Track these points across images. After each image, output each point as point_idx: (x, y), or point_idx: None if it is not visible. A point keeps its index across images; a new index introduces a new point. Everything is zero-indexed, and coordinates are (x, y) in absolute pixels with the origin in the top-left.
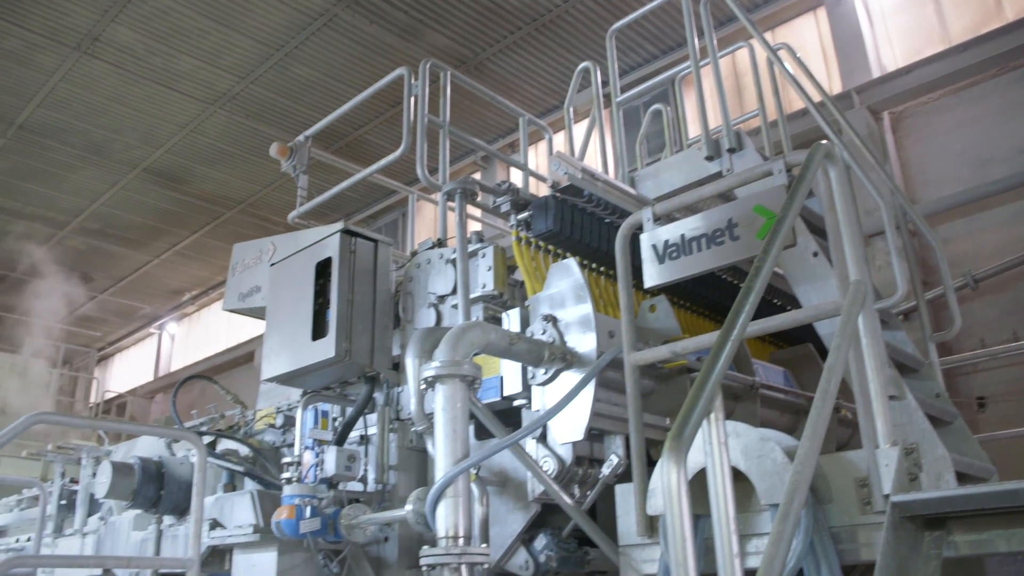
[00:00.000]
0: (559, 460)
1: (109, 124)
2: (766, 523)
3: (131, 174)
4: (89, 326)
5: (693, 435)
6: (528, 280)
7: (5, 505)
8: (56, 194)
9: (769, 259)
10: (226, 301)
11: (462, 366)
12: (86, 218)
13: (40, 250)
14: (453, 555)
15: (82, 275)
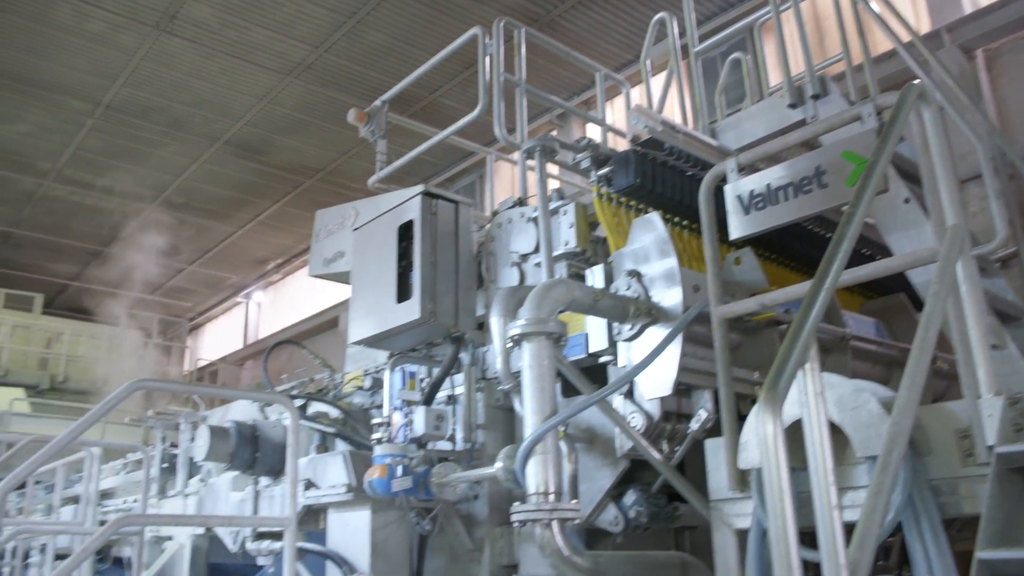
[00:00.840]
0: (647, 416)
1: (189, 99)
2: (861, 476)
3: (212, 147)
4: (180, 297)
5: (788, 386)
6: (610, 236)
7: (112, 469)
8: (143, 170)
9: (862, 205)
10: (311, 267)
11: (547, 323)
12: (172, 192)
13: (131, 225)
14: (544, 511)
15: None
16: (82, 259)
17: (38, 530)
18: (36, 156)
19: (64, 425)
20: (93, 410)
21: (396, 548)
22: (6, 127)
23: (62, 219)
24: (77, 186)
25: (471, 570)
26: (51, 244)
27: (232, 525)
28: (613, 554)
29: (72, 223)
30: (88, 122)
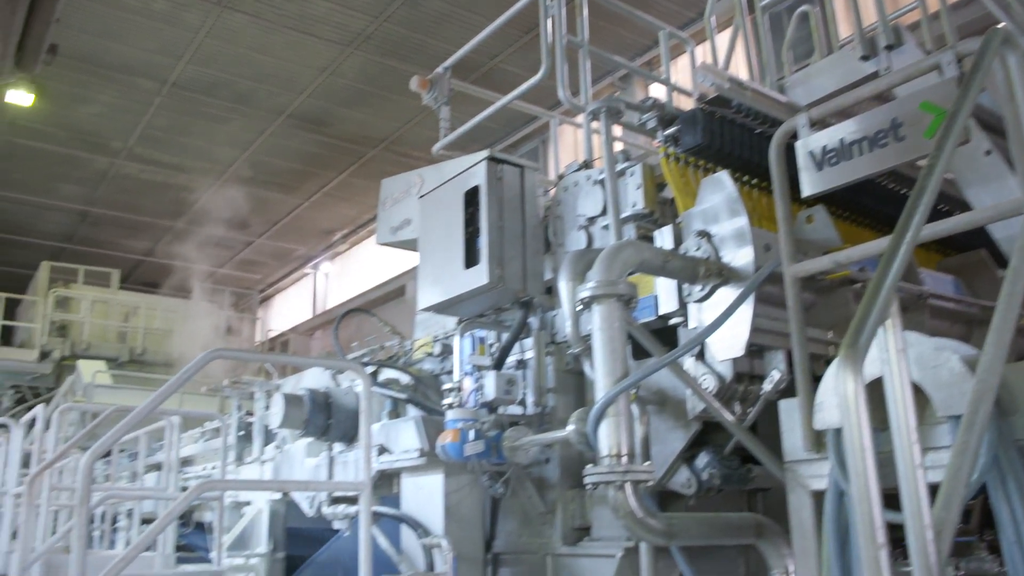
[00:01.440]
0: (719, 377)
1: (253, 74)
2: (942, 436)
3: (276, 121)
4: (250, 269)
5: (869, 343)
6: (679, 196)
7: (190, 437)
8: (210, 146)
9: (943, 156)
10: (379, 235)
11: (618, 285)
12: (239, 167)
13: (200, 200)
14: (617, 473)
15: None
16: (155, 235)
17: (124, 496)
18: (108, 136)
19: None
20: (172, 380)
21: (469, 511)
22: (80, 109)
23: (135, 196)
24: (147, 164)
25: (544, 532)
26: (125, 221)
27: (308, 490)
28: (687, 516)
29: (144, 200)
30: (156, 100)
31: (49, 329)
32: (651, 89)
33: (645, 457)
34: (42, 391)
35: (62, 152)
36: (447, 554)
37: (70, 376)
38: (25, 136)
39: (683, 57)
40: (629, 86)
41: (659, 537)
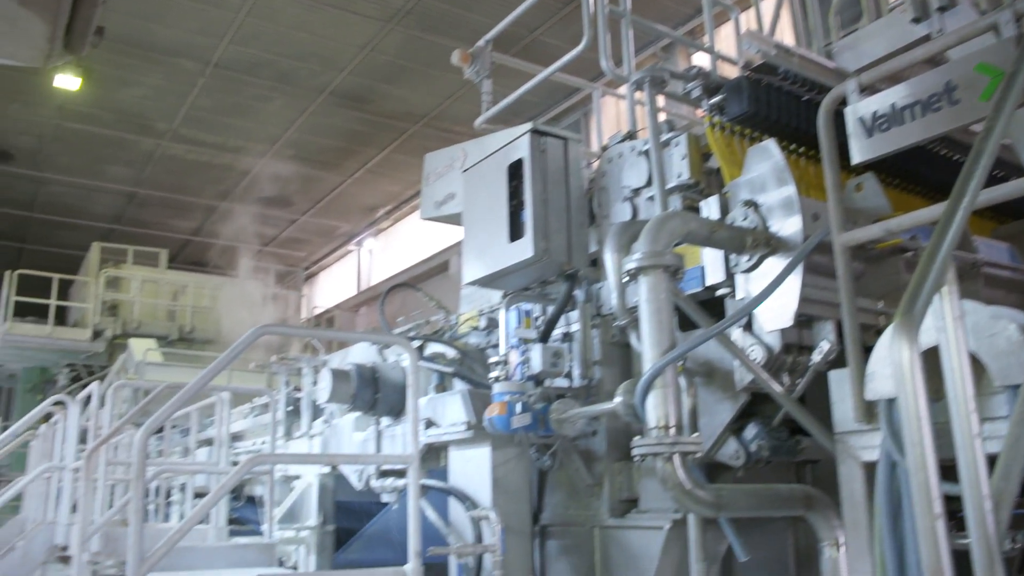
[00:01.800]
0: (767, 348)
1: (294, 52)
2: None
3: (318, 99)
4: (294, 247)
5: (925, 310)
6: (725, 166)
7: (240, 413)
8: (253, 125)
9: (1001, 118)
10: (423, 210)
11: (664, 256)
12: (282, 145)
13: (244, 179)
14: (665, 444)
15: (283, 199)
16: (201, 214)
17: (178, 470)
18: (154, 117)
19: (193, 373)
20: (222, 356)
21: (516, 483)
22: (126, 91)
23: (181, 177)
24: (193, 144)
25: (591, 505)
26: (172, 201)
27: (357, 463)
28: (735, 487)
29: (190, 180)
30: (199, 81)
31: (101, 309)
32: (694, 58)
33: (693, 429)
34: (96, 369)
35: (109, 135)
36: (495, 526)
37: (122, 354)
38: (74, 120)
39: (727, 25)
40: (672, 56)
41: (708, 509)
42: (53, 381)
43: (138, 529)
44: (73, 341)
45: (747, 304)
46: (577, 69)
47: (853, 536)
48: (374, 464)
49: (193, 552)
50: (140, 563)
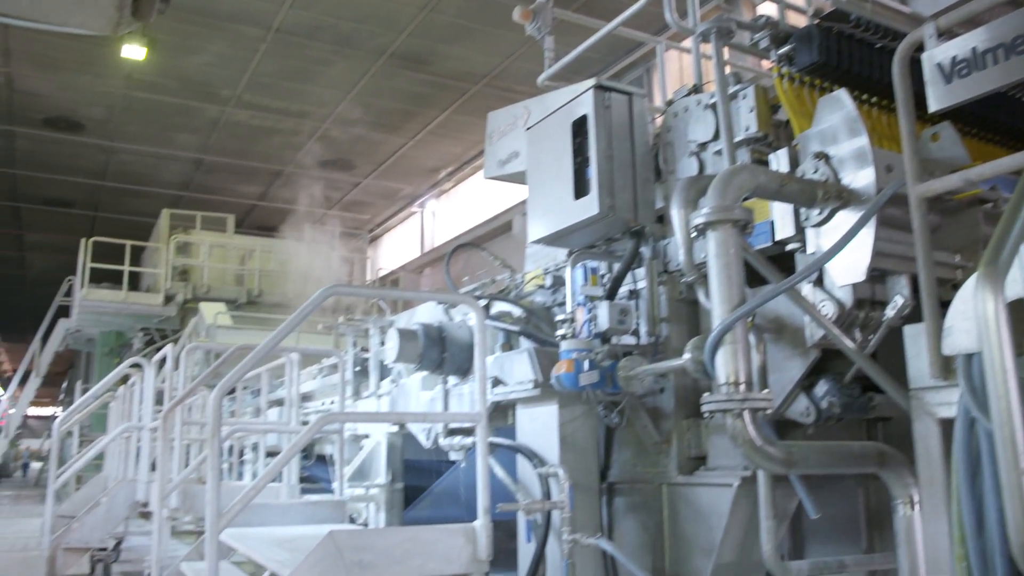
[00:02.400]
0: (838, 303)
1: (354, 15)
2: None
3: (379, 61)
4: (358, 210)
5: (1011, 260)
6: (794, 118)
7: (308, 374)
8: (315, 89)
9: None
10: (486, 169)
11: (733, 210)
12: (344, 108)
13: (308, 143)
14: (735, 401)
15: (346, 163)
16: (266, 179)
17: (250, 429)
18: (218, 84)
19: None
20: (292, 317)
21: (584, 441)
22: (191, 59)
23: (246, 143)
24: (256, 110)
25: (659, 462)
26: (237, 167)
27: (426, 421)
28: (807, 444)
29: (255, 146)
30: (261, 47)
31: (172, 274)
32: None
33: (762, 386)
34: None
35: (175, 103)
36: (563, 482)
37: (193, 318)
38: (141, 89)
39: None
40: (736, 7)
41: (778, 465)
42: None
43: (215, 486)
44: (146, 306)
45: (818, 259)
46: (640, 23)
47: (928, 494)
48: (442, 422)
49: (267, 509)
50: (218, 518)
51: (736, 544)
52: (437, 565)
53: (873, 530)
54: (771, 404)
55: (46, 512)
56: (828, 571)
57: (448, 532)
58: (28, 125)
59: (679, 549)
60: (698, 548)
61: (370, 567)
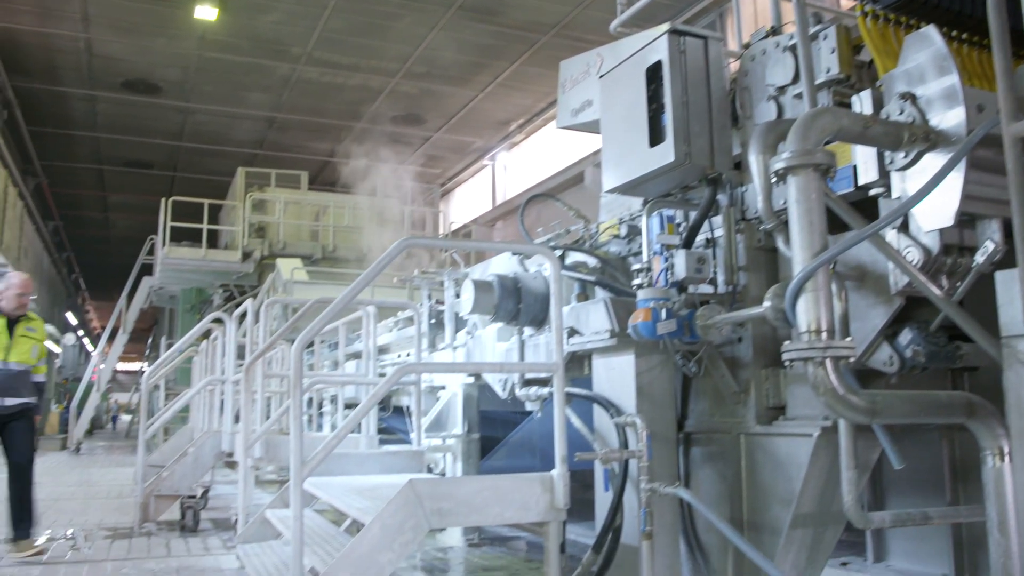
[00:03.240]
0: (924, 249)
1: None
2: None
3: (447, 14)
4: (429, 164)
5: None
6: (878, 58)
7: (383, 327)
8: (384, 44)
9: None
10: (559, 119)
11: (815, 154)
12: (413, 63)
13: (378, 99)
14: (817, 349)
15: (417, 117)
16: (338, 136)
17: (330, 381)
18: (289, 42)
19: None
20: (369, 269)
21: (661, 390)
22: (261, 18)
23: (317, 100)
24: (327, 67)
25: (737, 412)
26: (309, 124)
27: (502, 371)
28: (891, 393)
29: (326, 103)
30: (331, 3)
31: (249, 231)
32: None
33: (844, 334)
34: (247, 289)
35: (247, 62)
36: (641, 432)
37: (271, 274)
38: (214, 49)
39: None
40: None
41: (861, 415)
42: (209, 301)
43: (299, 435)
44: (225, 263)
45: (904, 203)
46: None
47: (1020, 445)
48: (519, 372)
49: (347, 458)
50: (301, 467)
51: (815, 494)
52: (516, 513)
53: (958, 482)
54: (853, 353)
55: (138, 462)
56: (911, 522)
57: (526, 480)
58: (108, 89)
59: (757, 499)
60: (776, 498)
61: (449, 514)
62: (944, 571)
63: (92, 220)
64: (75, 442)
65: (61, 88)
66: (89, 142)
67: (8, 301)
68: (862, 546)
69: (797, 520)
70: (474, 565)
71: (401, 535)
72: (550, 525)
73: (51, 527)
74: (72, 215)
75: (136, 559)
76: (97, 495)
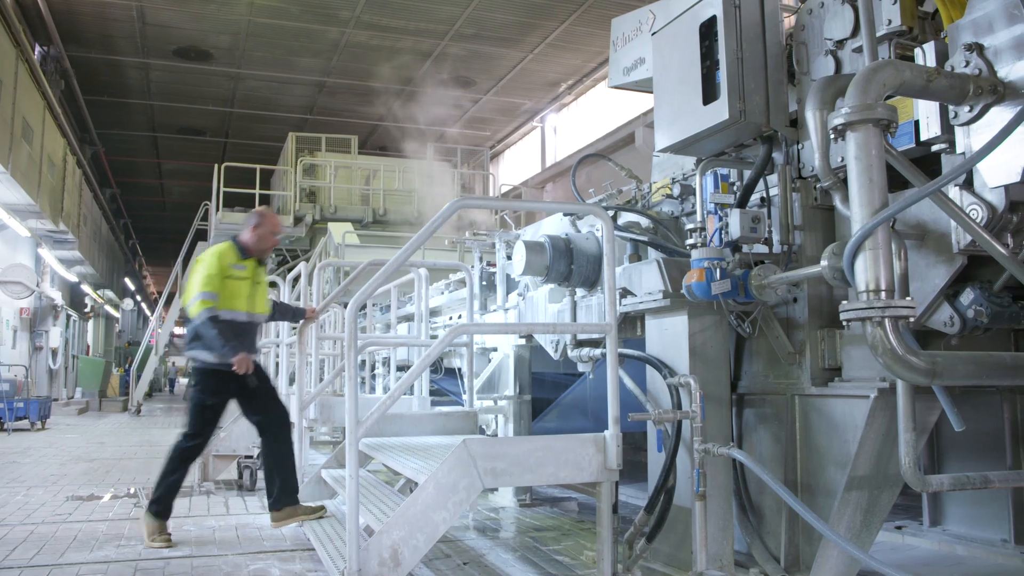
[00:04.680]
0: (989, 207)
1: None
2: None
3: None
4: (478, 127)
5: None
6: (943, 8)
7: (435, 289)
8: (433, 6)
9: None
10: (611, 78)
11: (875, 109)
12: (462, 24)
13: (427, 62)
14: (876, 308)
15: (466, 79)
16: (387, 99)
17: (383, 343)
18: (336, 6)
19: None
20: (422, 231)
21: (715, 351)
22: None
23: (366, 64)
24: (376, 30)
25: (791, 373)
26: (359, 88)
27: (555, 332)
28: (953, 354)
29: (375, 66)
30: None
31: (300, 195)
32: None
33: (904, 293)
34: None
35: (297, 27)
36: (695, 393)
37: (322, 238)
38: (263, 15)
39: None
40: None
41: (921, 376)
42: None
43: (354, 395)
44: None
45: (969, 158)
46: None
47: None
48: (572, 332)
49: (401, 419)
50: (356, 427)
51: (872, 457)
52: (569, 473)
53: (1019, 446)
54: (913, 312)
55: None
56: (970, 486)
57: (579, 441)
58: (160, 56)
59: (812, 461)
60: (832, 460)
61: (503, 474)
62: (1003, 536)
63: (147, 187)
64: (135, 404)
65: (115, 57)
66: (143, 110)
67: (261, 241)
68: (918, 510)
69: (852, 482)
70: (526, 525)
71: (455, 494)
72: (603, 485)
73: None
74: (128, 182)
75: (196, 516)
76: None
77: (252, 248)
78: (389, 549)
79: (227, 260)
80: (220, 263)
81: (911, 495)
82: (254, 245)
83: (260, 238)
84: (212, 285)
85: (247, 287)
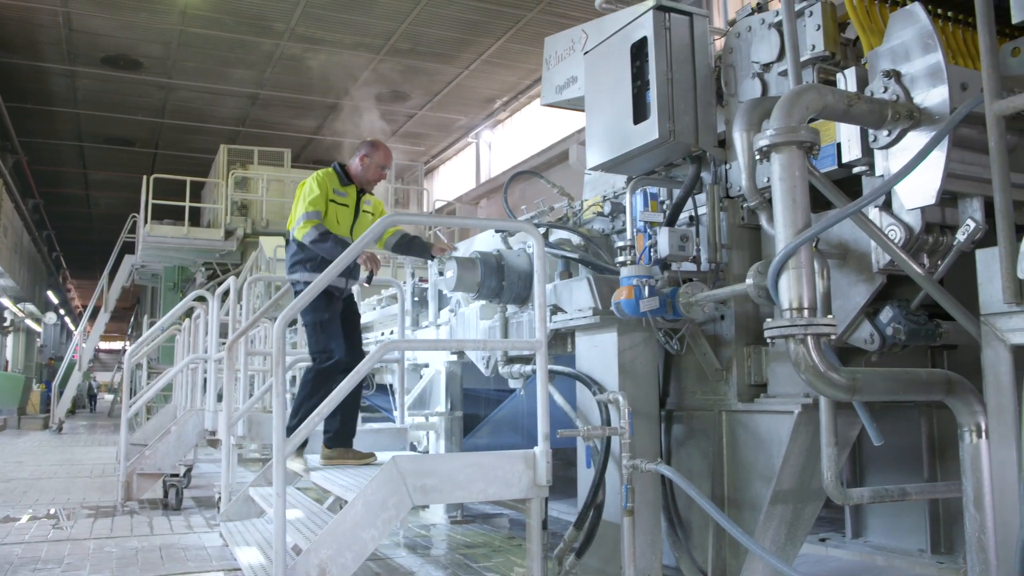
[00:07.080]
0: (906, 228)
1: None
2: None
3: None
4: (413, 142)
5: None
6: (863, 35)
7: (367, 305)
8: (368, 20)
9: None
10: (543, 96)
11: (799, 132)
12: (397, 39)
13: (362, 76)
14: (799, 326)
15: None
16: (321, 113)
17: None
18: (271, 18)
19: None
20: (352, 246)
21: (644, 368)
22: None
23: (300, 76)
24: (310, 43)
25: (719, 389)
26: (293, 101)
27: (485, 349)
28: (872, 371)
29: (309, 79)
30: None
31: (231, 209)
32: None
33: (826, 311)
34: (229, 267)
35: (231, 38)
36: (623, 409)
37: (253, 252)
38: (197, 25)
39: None
40: None
41: (842, 392)
42: (192, 279)
43: (281, 413)
44: (207, 240)
45: (887, 181)
46: None
47: (997, 422)
48: (502, 349)
49: None
50: (284, 444)
51: (796, 471)
52: (498, 489)
53: (935, 459)
54: (835, 330)
55: (120, 440)
56: (889, 498)
57: (508, 458)
58: (88, 64)
59: (738, 476)
60: (757, 475)
61: (433, 491)
62: (920, 546)
63: (73, 198)
64: (57, 421)
65: (40, 63)
66: (69, 119)
67: (367, 171)
68: (841, 522)
69: (777, 496)
70: (457, 542)
71: (384, 512)
72: (532, 502)
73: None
74: (52, 193)
75: (119, 537)
76: (79, 474)
77: (356, 176)
78: (317, 568)
79: (329, 184)
80: (323, 186)
81: (834, 508)
82: (360, 174)
83: (366, 168)
84: (317, 205)
85: (348, 215)
